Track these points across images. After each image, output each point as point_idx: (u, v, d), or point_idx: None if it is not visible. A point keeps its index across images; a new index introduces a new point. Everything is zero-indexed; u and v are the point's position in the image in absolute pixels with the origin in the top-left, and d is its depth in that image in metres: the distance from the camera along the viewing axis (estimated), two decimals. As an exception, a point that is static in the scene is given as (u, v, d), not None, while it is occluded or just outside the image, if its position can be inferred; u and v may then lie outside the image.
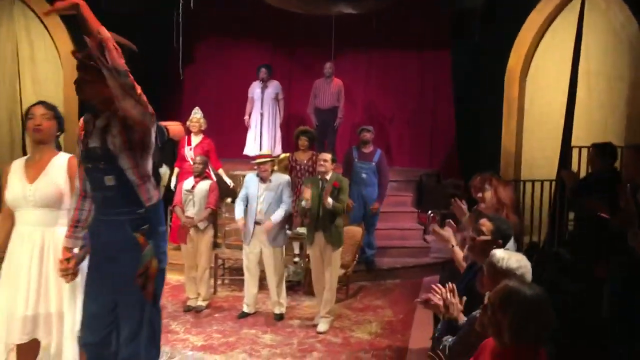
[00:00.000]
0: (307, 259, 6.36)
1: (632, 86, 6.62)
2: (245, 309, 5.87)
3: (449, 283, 2.86)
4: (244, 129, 8.83)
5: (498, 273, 2.57)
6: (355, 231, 6.62)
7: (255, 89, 8.56)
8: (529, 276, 2.57)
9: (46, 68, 8.56)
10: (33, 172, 3.31)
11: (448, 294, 2.81)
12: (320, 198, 5.49)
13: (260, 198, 5.72)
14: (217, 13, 7.95)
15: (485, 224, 3.04)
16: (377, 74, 9.56)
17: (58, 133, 3.40)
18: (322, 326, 5.51)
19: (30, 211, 3.26)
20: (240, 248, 6.14)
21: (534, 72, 8.29)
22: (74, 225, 3.02)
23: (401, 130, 9.71)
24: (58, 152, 3.41)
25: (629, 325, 2.91)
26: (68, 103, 8.62)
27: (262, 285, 6.00)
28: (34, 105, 3.37)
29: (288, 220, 6.04)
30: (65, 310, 3.25)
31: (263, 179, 5.76)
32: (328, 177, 5.56)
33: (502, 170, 8.35)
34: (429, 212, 8.26)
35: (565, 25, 7.76)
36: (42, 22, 8.45)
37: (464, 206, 4.75)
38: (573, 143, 7.43)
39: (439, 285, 2.89)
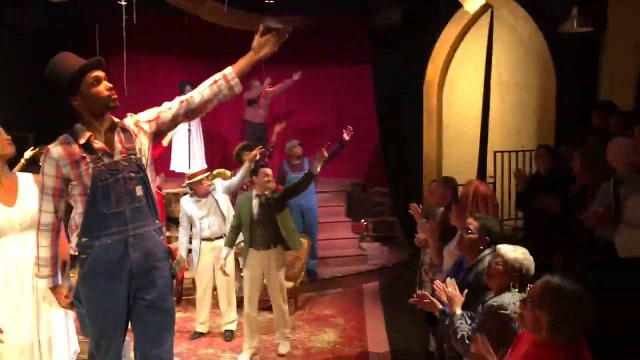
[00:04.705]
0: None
1: (541, 94, 7.19)
2: (199, 329, 5.71)
3: (450, 279, 3.00)
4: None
5: (508, 266, 2.76)
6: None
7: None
8: (532, 269, 2.78)
9: None
10: (7, 195, 3.09)
11: (450, 289, 2.94)
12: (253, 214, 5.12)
13: (204, 217, 5.59)
14: (139, 27, 7.58)
15: (472, 223, 3.20)
16: (299, 88, 9.66)
17: None
18: (284, 348, 5.29)
19: (17, 236, 3.07)
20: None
21: (449, 83, 8.82)
22: (55, 262, 2.80)
23: (325, 143, 9.79)
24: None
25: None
26: None
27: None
28: None
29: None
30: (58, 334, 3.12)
31: (200, 196, 5.66)
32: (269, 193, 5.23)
33: (424, 177, 8.79)
34: (362, 220, 8.48)
35: (476, 39, 8.35)
36: None
37: (419, 209, 4.97)
38: (490, 148, 7.99)
39: (439, 282, 3.02)
